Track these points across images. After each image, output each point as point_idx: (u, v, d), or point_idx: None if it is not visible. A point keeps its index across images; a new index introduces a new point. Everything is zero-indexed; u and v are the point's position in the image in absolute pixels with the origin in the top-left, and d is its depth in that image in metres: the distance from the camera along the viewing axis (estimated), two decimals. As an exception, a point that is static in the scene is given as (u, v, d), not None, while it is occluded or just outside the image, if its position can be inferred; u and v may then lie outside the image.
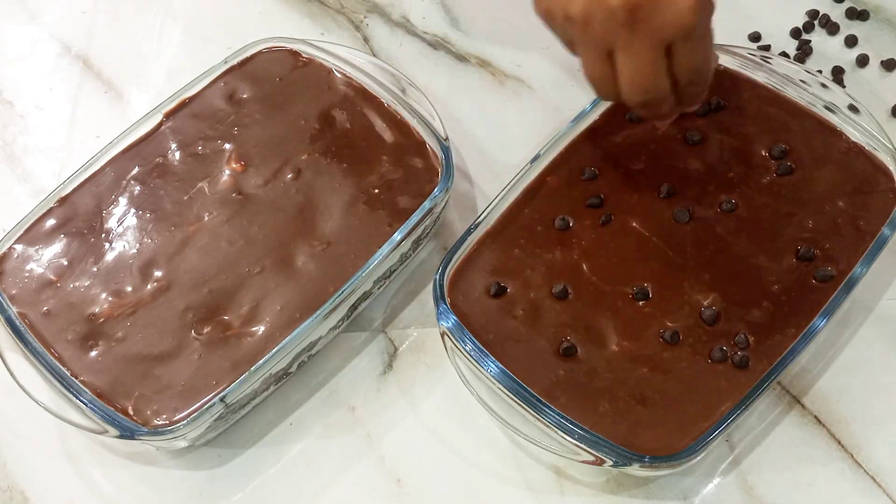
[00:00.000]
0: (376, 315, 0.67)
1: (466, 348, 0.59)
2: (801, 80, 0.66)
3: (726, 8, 0.77)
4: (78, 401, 0.59)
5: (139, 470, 0.63)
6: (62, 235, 0.66)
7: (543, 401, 0.56)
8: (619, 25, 0.51)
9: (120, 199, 0.67)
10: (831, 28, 0.75)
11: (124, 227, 0.66)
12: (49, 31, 0.84)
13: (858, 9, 0.75)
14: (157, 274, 0.64)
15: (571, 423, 0.56)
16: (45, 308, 0.63)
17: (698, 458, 0.55)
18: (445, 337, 0.60)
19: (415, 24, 0.80)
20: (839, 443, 0.60)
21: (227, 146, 0.69)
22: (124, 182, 0.68)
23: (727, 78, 0.68)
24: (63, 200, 0.67)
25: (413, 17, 0.81)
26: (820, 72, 0.72)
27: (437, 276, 0.61)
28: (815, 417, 0.60)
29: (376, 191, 0.66)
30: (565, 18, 0.54)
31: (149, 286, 0.64)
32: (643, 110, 0.58)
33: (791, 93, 0.66)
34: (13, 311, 0.63)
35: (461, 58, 0.78)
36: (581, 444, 0.55)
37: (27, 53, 0.83)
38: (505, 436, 0.62)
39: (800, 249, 0.61)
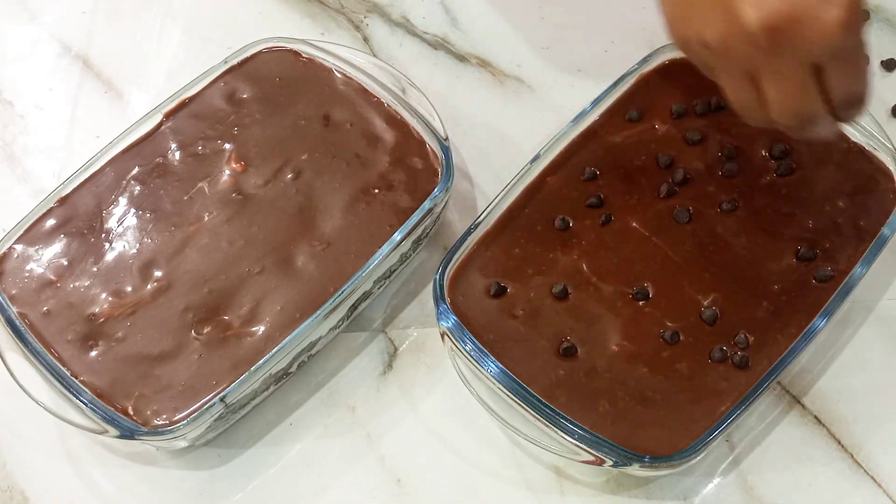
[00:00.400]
0: (376, 315, 0.67)
1: (466, 348, 0.59)
2: (802, 80, 0.66)
3: (726, 8, 0.77)
4: (78, 401, 0.59)
5: (139, 470, 0.63)
6: (62, 235, 0.66)
7: (543, 401, 0.56)
8: (760, 49, 0.47)
9: (120, 199, 0.67)
10: (831, 28, 0.74)
11: (124, 227, 0.66)
12: (49, 31, 0.84)
13: (858, 9, 0.75)
14: (157, 274, 0.64)
15: (571, 423, 0.56)
16: (45, 308, 0.63)
17: (698, 458, 0.55)
18: (445, 337, 0.60)
19: (415, 24, 0.80)
20: (839, 443, 0.60)
21: (227, 146, 0.69)
22: (124, 182, 0.68)
23: (727, 78, 0.68)
24: (63, 200, 0.67)
25: (413, 17, 0.81)
26: (820, 72, 0.72)
27: (437, 276, 0.61)
28: (815, 417, 0.60)
29: (376, 191, 0.66)
30: (702, 46, 0.50)
31: (149, 286, 0.64)
32: (800, 133, 0.53)
33: (791, 93, 0.66)
34: (13, 311, 0.63)
35: (461, 58, 0.78)
36: (581, 444, 0.55)
37: (27, 53, 0.83)
38: (505, 436, 0.62)
39: (800, 249, 0.61)
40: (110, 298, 0.63)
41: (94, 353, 0.61)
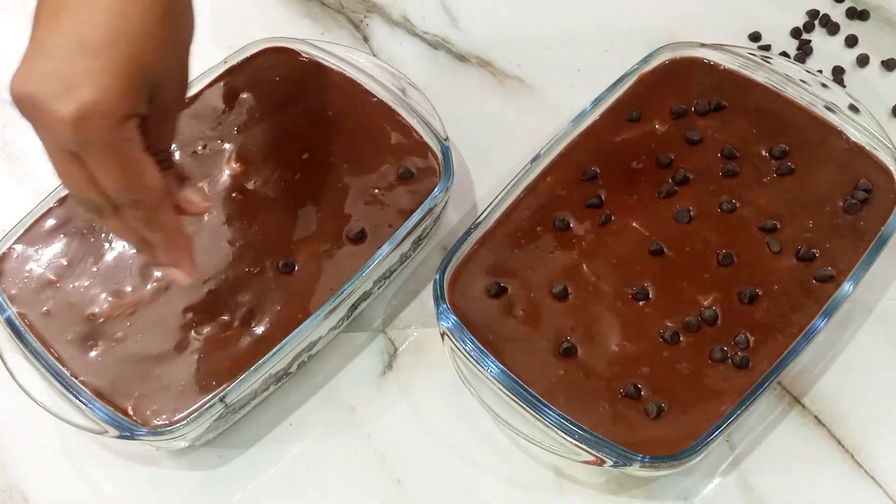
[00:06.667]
0: (376, 315, 0.67)
1: (466, 348, 0.59)
2: (802, 80, 0.66)
3: (726, 8, 0.77)
4: (78, 401, 0.59)
5: (139, 470, 0.63)
6: (62, 235, 0.66)
7: (543, 401, 0.56)
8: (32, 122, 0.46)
9: (120, 199, 0.67)
10: (831, 28, 0.75)
11: (124, 227, 0.66)
12: (49, 31, 0.84)
13: (859, 8, 0.75)
14: (157, 274, 0.64)
15: (571, 423, 0.56)
16: (45, 308, 0.63)
17: (698, 458, 0.55)
18: (445, 337, 0.60)
19: (415, 23, 0.80)
20: (839, 443, 0.60)
21: (227, 146, 0.69)
22: (124, 182, 0.68)
23: (727, 78, 0.68)
24: (63, 200, 0.67)
25: (413, 16, 0.81)
26: (820, 72, 0.71)
27: (437, 276, 0.61)
28: (816, 417, 0.60)
29: (376, 191, 0.66)
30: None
31: (148, 286, 0.64)
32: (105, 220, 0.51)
33: (791, 93, 0.66)
34: (13, 311, 0.63)
35: (461, 58, 0.78)
36: (581, 445, 0.55)
37: (27, 53, 0.83)
38: (505, 436, 0.62)
39: (800, 249, 0.61)
40: (110, 298, 0.63)
41: (93, 353, 0.61)
